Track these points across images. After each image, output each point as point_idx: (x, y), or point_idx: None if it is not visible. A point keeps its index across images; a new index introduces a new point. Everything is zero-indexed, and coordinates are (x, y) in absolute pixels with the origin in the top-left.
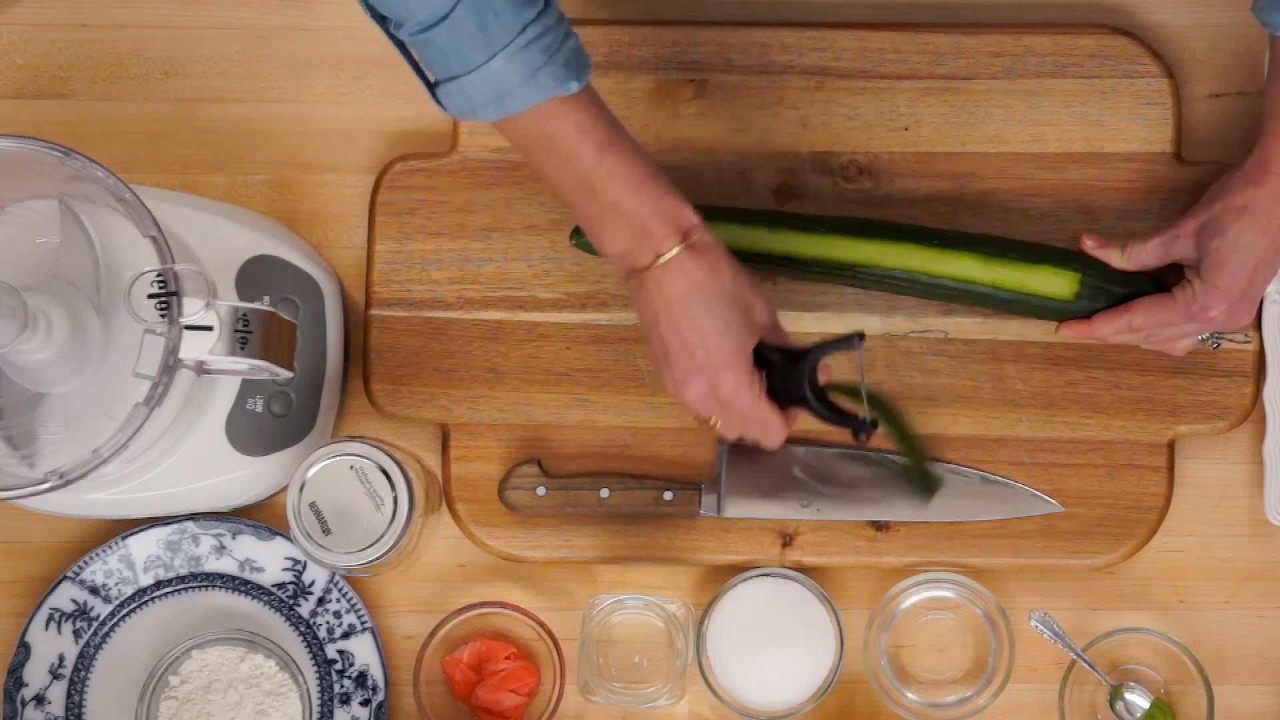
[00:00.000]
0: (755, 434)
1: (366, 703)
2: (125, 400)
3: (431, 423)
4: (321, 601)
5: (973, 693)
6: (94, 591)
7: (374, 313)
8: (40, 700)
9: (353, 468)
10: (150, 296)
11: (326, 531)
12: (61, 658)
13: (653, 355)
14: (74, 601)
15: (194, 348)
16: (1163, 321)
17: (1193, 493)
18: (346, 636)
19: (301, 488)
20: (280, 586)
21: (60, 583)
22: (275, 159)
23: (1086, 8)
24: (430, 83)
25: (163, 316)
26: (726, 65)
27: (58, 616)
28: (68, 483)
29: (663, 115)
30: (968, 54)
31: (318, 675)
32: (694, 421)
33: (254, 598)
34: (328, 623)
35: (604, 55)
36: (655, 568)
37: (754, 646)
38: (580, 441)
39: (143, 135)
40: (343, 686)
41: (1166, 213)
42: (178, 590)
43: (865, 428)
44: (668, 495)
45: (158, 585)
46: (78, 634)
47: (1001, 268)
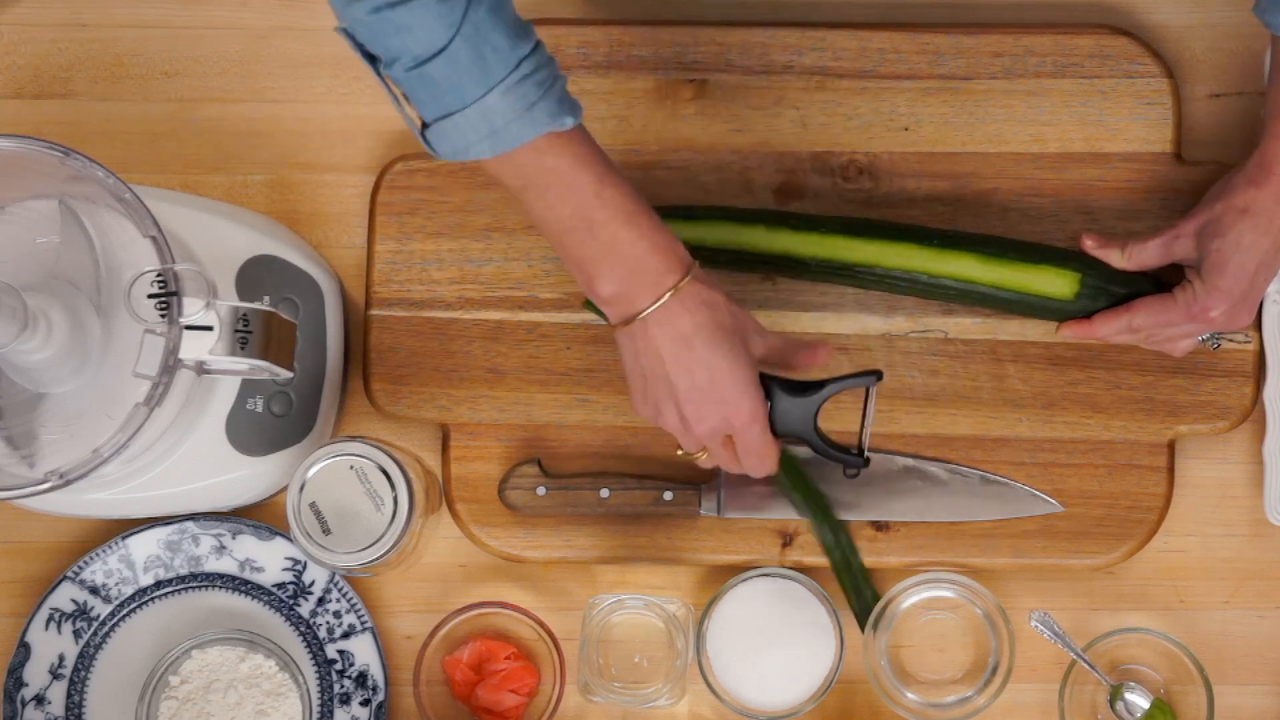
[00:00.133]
0: (753, 464)
1: (366, 703)
2: (125, 400)
3: (431, 423)
4: (321, 601)
5: (973, 693)
6: (94, 591)
7: (374, 313)
8: (40, 700)
9: (353, 468)
10: (150, 296)
11: (326, 531)
12: (61, 658)
13: (649, 398)
14: (74, 601)
15: (194, 348)
16: (1163, 322)
17: (1193, 493)
18: (346, 636)
19: (301, 488)
20: (280, 586)
21: (60, 583)
22: (275, 159)
23: (1086, 8)
24: (420, 125)
25: (163, 316)
26: (726, 65)
27: (58, 616)
28: (68, 483)
29: (663, 115)
30: (968, 54)
31: (318, 675)
32: (678, 454)
33: (254, 598)
34: (328, 623)
35: (604, 55)
36: (655, 568)
37: (754, 646)
38: (580, 441)
39: (143, 135)
40: (343, 686)
41: (1166, 213)
42: (178, 590)
43: (858, 465)
44: (668, 495)
45: (158, 585)
46: (78, 634)
47: (1002, 268)
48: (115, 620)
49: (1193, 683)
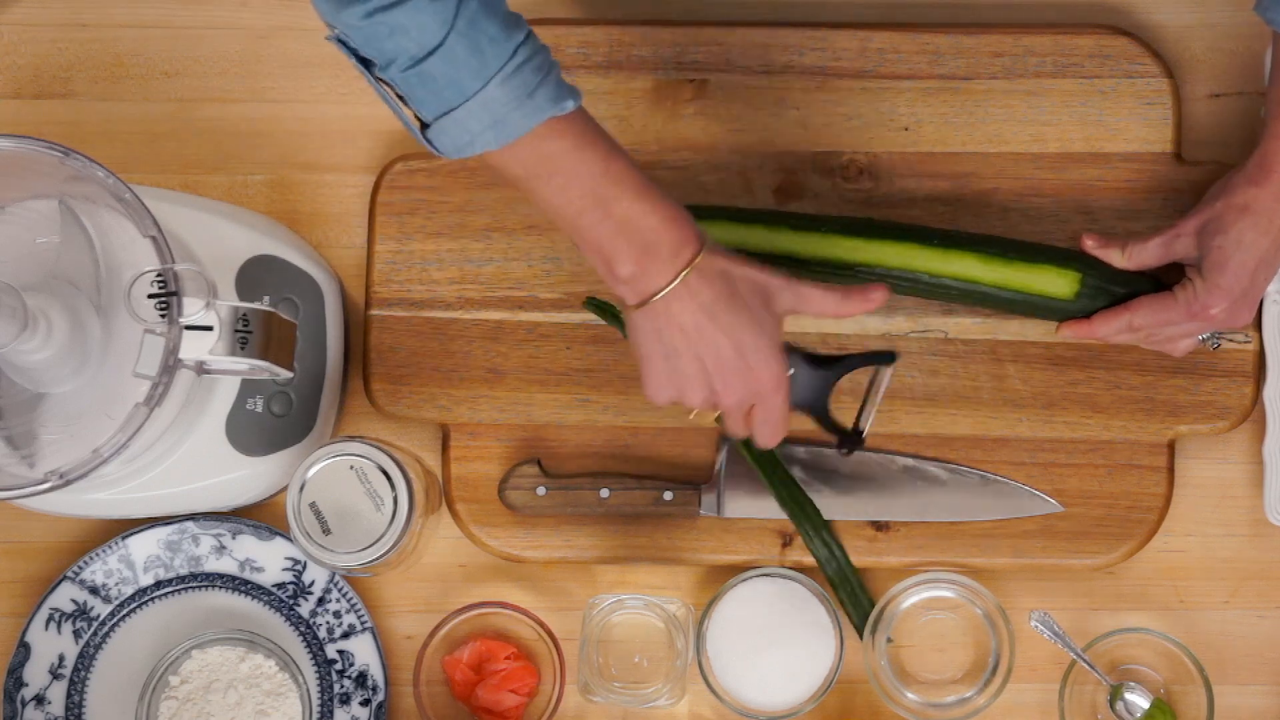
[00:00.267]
0: (768, 433)
1: (366, 703)
2: (125, 400)
3: (431, 423)
4: (321, 601)
5: (973, 693)
6: (94, 591)
7: (374, 313)
8: (40, 700)
9: (353, 468)
10: (150, 296)
11: (326, 531)
12: (61, 658)
13: (673, 378)
14: (74, 601)
15: (194, 348)
16: (1163, 320)
17: (1193, 493)
18: (346, 636)
19: (301, 488)
20: (280, 586)
21: (60, 583)
22: (275, 159)
23: (1086, 8)
24: (420, 125)
25: (163, 316)
26: (726, 65)
27: (58, 616)
28: (68, 483)
29: (663, 115)
30: (968, 54)
31: (318, 675)
32: (693, 418)
33: (254, 598)
34: (328, 623)
35: (604, 55)
36: (655, 568)
37: (754, 646)
38: (580, 441)
39: (143, 135)
40: (343, 686)
41: (1166, 213)
42: (178, 590)
43: (855, 442)
44: (668, 495)
45: (158, 585)
46: (78, 634)
47: (1002, 267)
48: (115, 620)
49: (1193, 683)
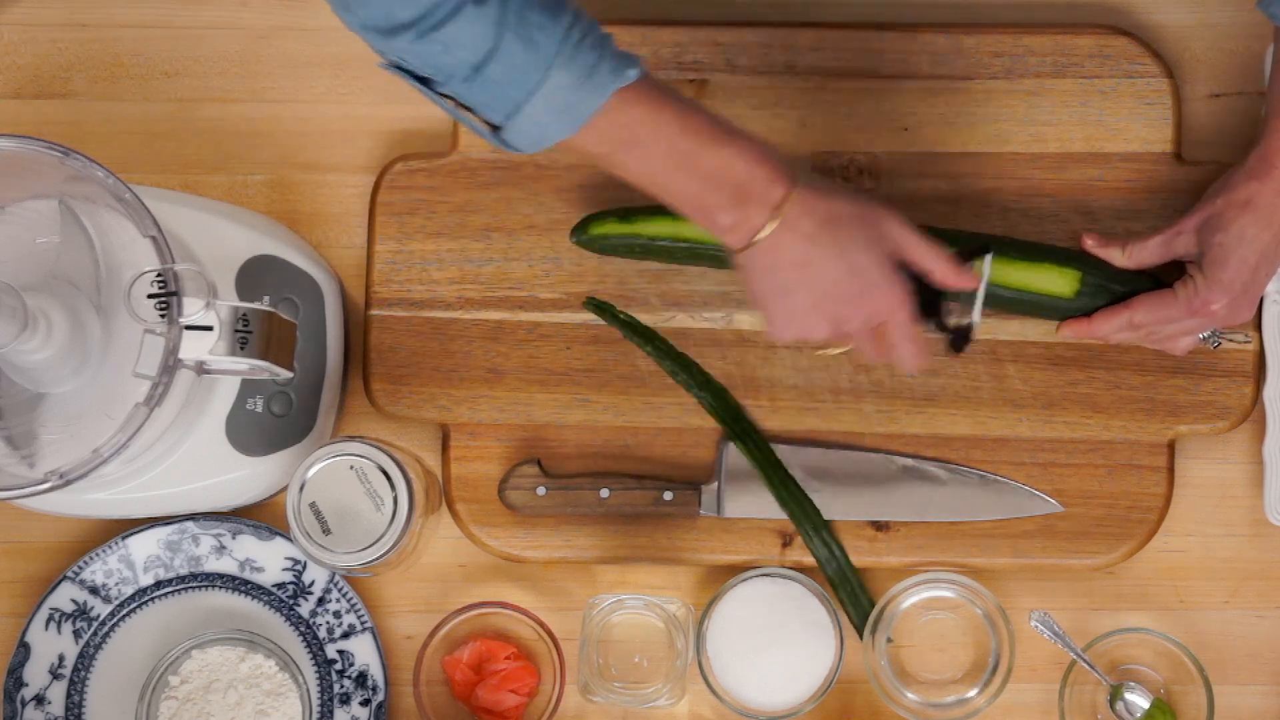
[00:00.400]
0: (907, 352)
1: (366, 703)
2: (125, 400)
3: (431, 423)
4: (321, 601)
5: (973, 693)
6: (94, 591)
7: (374, 313)
8: (40, 700)
9: (353, 468)
10: (150, 296)
11: (326, 531)
12: (61, 658)
13: (794, 315)
14: (74, 601)
15: (194, 348)
16: (1164, 318)
17: (1193, 493)
18: (346, 636)
19: (301, 488)
20: (280, 586)
21: (60, 583)
22: (275, 159)
23: (1086, 8)
24: (493, 128)
25: (163, 316)
26: (726, 65)
27: (58, 616)
28: (68, 483)
29: None
30: (968, 54)
31: (318, 675)
32: (819, 352)
33: (254, 598)
34: (328, 623)
35: None
36: (655, 568)
37: (754, 646)
38: (580, 441)
39: (143, 135)
40: (343, 686)
41: (1166, 212)
42: (178, 590)
43: (966, 340)
44: (668, 495)
45: (158, 585)
46: (78, 634)
47: (1003, 266)
48: (115, 620)
49: (1193, 683)
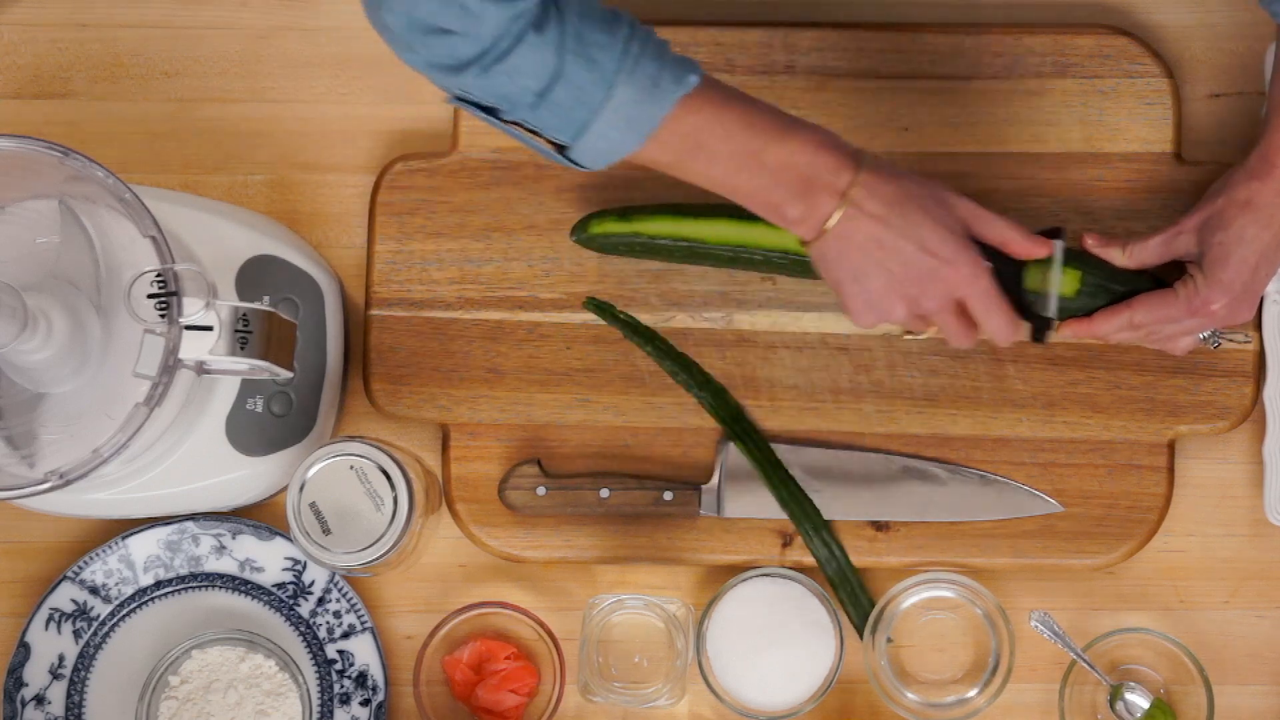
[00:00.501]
0: (998, 324)
1: (366, 703)
2: (125, 400)
3: (431, 423)
4: (321, 601)
5: (973, 693)
6: (94, 591)
7: (374, 313)
8: (40, 700)
9: (353, 468)
10: (150, 296)
11: (326, 531)
12: (61, 658)
13: (871, 299)
14: (74, 601)
15: (194, 348)
16: (1164, 317)
17: (1193, 493)
18: (346, 636)
19: (301, 488)
20: (280, 586)
21: (60, 583)
22: (275, 159)
23: (1086, 8)
24: (559, 148)
25: (163, 316)
26: (726, 65)
27: (58, 616)
28: (68, 483)
29: None
30: (968, 54)
31: (318, 675)
32: (907, 336)
33: (254, 598)
34: (328, 623)
35: None
36: (655, 568)
37: (754, 646)
38: (580, 441)
39: (143, 135)
40: (343, 686)
41: (1166, 212)
42: (178, 590)
43: (1050, 325)
44: (668, 495)
45: (158, 585)
46: (78, 634)
47: None
48: (115, 620)
49: (1193, 683)
